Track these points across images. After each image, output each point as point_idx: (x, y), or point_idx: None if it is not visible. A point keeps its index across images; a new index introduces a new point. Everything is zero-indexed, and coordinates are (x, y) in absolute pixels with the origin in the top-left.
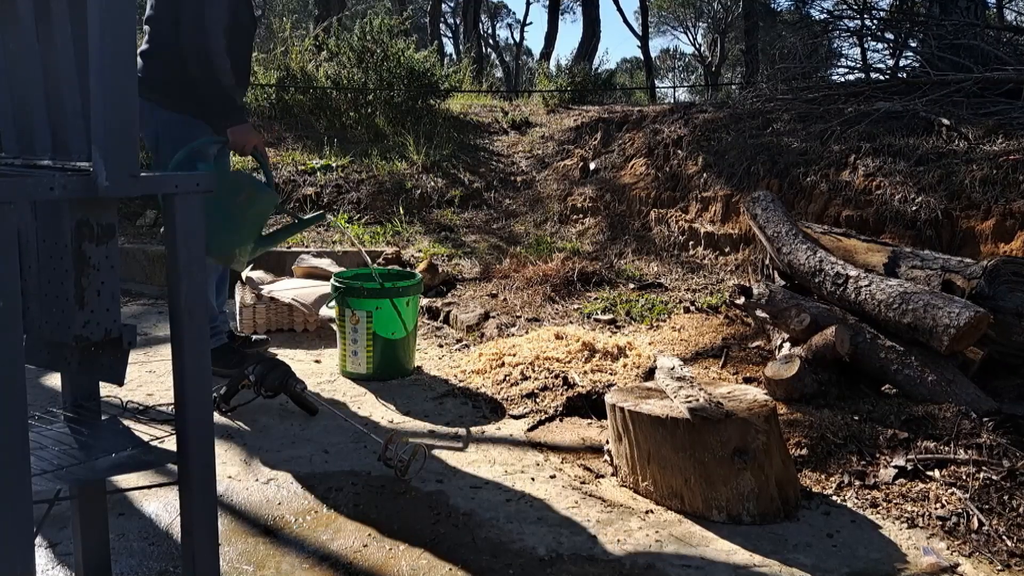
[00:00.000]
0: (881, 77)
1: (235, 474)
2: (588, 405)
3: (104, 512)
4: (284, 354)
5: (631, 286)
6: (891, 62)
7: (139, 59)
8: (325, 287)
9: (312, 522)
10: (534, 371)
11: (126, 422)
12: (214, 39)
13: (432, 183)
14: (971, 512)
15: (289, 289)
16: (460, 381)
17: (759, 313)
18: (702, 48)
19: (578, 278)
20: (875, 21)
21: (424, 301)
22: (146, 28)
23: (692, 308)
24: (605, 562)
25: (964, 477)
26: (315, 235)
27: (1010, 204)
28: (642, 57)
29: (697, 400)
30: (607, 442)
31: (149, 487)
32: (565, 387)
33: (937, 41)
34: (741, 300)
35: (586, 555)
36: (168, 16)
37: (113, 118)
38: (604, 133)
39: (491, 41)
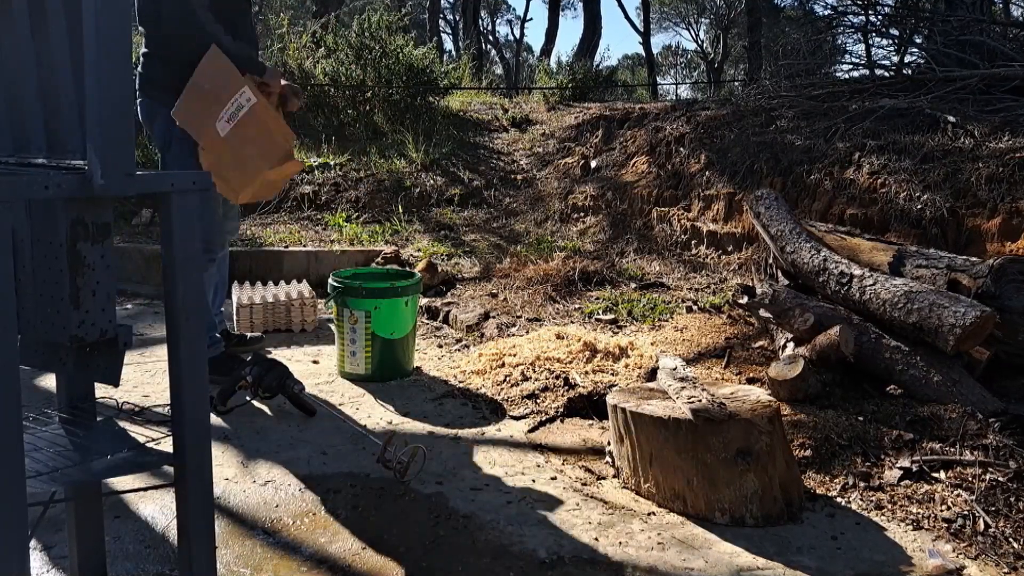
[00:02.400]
0: (886, 74)
1: (232, 476)
2: (589, 406)
3: (100, 515)
4: (281, 354)
5: (633, 285)
6: (896, 59)
7: (142, 59)
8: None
9: (310, 524)
10: (535, 372)
11: (122, 423)
12: (202, 19)
13: (431, 181)
14: (977, 514)
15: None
16: (460, 382)
17: (762, 313)
18: (704, 44)
19: (579, 277)
20: (880, 17)
21: (423, 301)
22: (140, 29)
23: (695, 308)
24: (607, 565)
25: (970, 479)
26: (312, 234)
27: (1016, 202)
28: (644, 54)
29: (700, 401)
30: (608, 443)
31: (145, 489)
32: (566, 388)
33: (942, 37)
34: (744, 300)
35: (587, 558)
36: (152, 13)
37: (109, 116)
38: (605, 131)
39: (491, 38)
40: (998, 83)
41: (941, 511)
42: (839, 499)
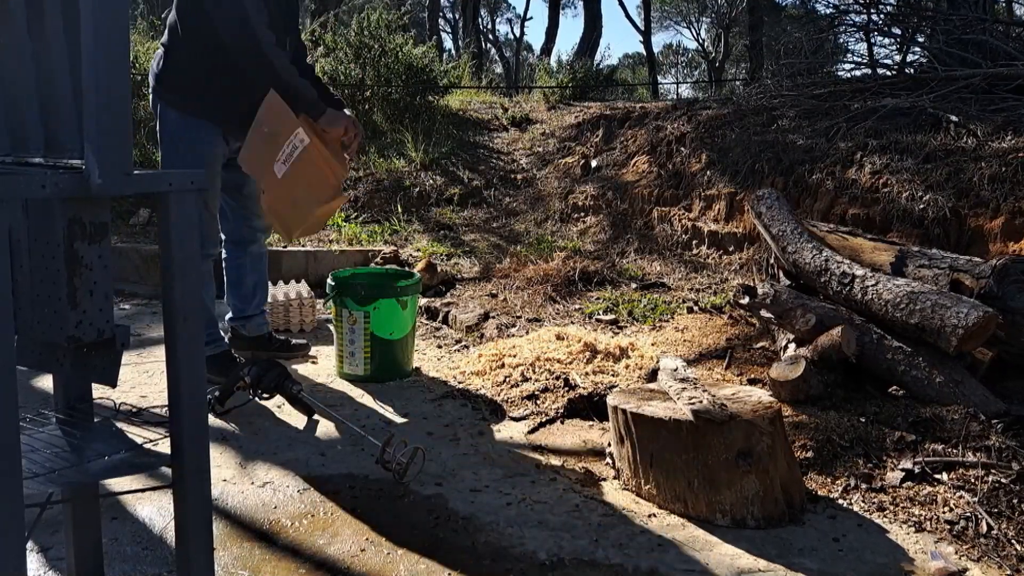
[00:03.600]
0: (888, 73)
1: (230, 477)
2: (590, 407)
3: (97, 516)
4: (280, 355)
5: (633, 286)
6: (898, 58)
7: (161, 53)
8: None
9: (309, 526)
10: (535, 372)
11: (119, 424)
12: (262, 34)
13: (431, 181)
14: (980, 516)
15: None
16: (459, 382)
17: (764, 313)
18: (705, 43)
19: (579, 278)
20: (882, 16)
21: (422, 301)
22: (170, 18)
23: (695, 308)
24: (607, 567)
25: (973, 480)
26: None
27: (1020, 202)
28: (644, 52)
29: (701, 402)
30: (609, 445)
31: (143, 491)
32: (566, 389)
33: (945, 36)
34: (745, 300)
35: (588, 559)
36: (191, 8)
37: (106, 115)
38: (606, 130)
39: (491, 36)
40: (1001, 82)
41: (943, 513)
42: (841, 501)
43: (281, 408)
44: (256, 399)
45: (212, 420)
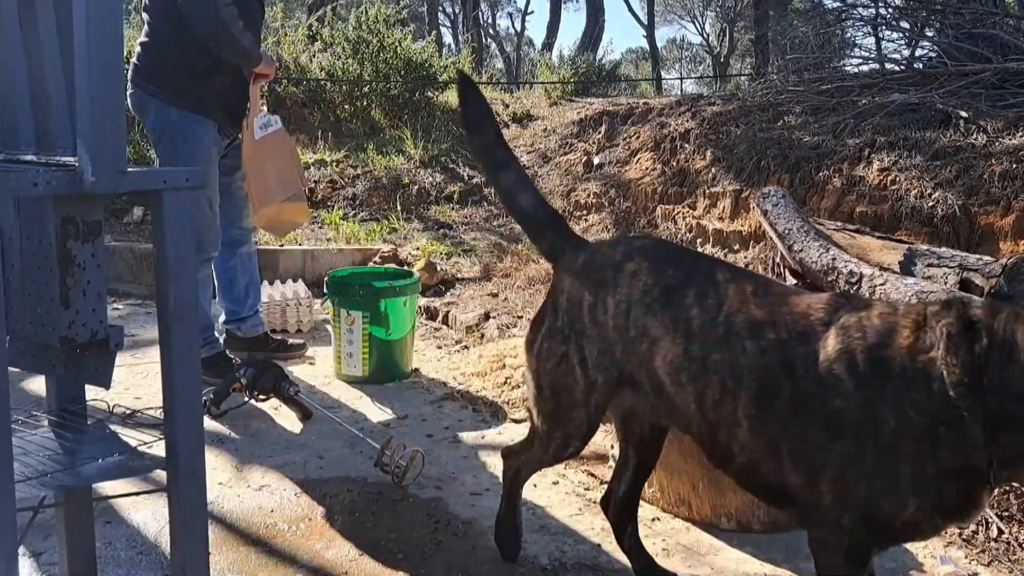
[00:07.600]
0: (896, 68)
1: (226, 480)
2: None
3: (90, 520)
4: (277, 356)
5: None
6: (907, 52)
7: (139, 48)
8: None
9: (306, 530)
10: None
11: (113, 427)
12: (227, 15)
13: (430, 178)
14: (990, 520)
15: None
16: (459, 384)
17: None
18: (710, 38)
19: None
20: (890, 9)
21: (422, 301)
22: (145, 16)
23: None
24: (610, 571)
25: None
26: (308, 232)
27: None
28: (648, 47)
29: None
30: (612, 447)
31: (137, 494)
32: None
33: (955, 30)
34: None
35: (590, 564)
36: (164, 2)
37: (99, 111)
38: (609, 127)
39: (491, 31)
40: (1012, 77)
41: None
42: None
43: (278, 410)
44: (252, 401)
45: (207, 422)
